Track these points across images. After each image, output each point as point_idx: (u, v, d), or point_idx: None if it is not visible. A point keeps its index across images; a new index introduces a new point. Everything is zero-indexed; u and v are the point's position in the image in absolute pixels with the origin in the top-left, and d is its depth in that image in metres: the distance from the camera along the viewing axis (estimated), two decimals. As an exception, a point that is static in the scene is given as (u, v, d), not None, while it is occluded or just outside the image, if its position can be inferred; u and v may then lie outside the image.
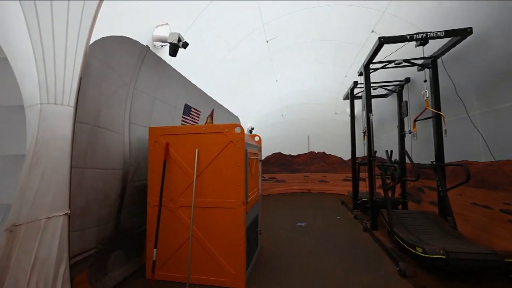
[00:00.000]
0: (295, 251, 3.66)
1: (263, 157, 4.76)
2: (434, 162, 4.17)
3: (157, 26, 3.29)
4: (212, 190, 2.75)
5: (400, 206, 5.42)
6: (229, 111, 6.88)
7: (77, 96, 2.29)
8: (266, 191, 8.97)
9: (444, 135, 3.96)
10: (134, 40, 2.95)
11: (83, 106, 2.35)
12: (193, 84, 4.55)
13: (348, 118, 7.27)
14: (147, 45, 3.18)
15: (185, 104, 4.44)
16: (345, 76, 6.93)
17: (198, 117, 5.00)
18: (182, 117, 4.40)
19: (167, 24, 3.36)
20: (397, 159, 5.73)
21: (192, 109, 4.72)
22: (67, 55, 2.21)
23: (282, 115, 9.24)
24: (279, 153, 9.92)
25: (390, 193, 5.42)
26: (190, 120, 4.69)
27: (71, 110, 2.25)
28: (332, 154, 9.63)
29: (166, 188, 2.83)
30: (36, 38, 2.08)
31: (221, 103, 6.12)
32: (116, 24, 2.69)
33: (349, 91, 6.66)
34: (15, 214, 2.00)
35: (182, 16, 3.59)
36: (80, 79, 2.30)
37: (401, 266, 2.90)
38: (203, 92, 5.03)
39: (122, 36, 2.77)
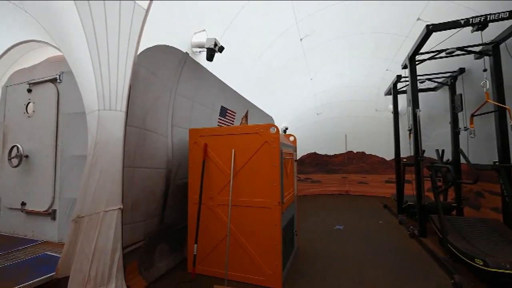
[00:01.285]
0: (332, 255, 3.53)
1: (298, 157, 4.64)
2: (497, 163, 3.63)
3: (195, 33, 3.47)
4: (248, 189, 2.80)
5: (454, 212, 4.85)
6: (263, 111, 6.93)
7: (128, 102, 2.54)
8: (302, 191, 8.81)
9: (510, 132, 3.43)
10: (175, 48, 3.16)
11: (132, 111, 2.59)
12: (229, 86, 4.69)
13: (390, 115, 6.75)
14: (186, 52, 3.38)
15: (221, 106, 4.60)
16: (387, 70, 6.45)
17: (233, 118, 5.14)
18: (219, 118, 4.57)
19: (204, 30, 3.53)
20: (450, 159, 5.13)
21: (228, 111, 4.87)
22: (119, 66, 2.46)
23: (317, 114, 8.98)
24: (315, 153, 9.66)
25: (441, 197, 4.88)
26: (226, 122, 4.84)
27: (122, 115, 2.50)
28: (373, 154, 9.04)
29: (205, 186, 2.97)
30: (95, 54, 2.35)
31: (255, 104, 6.20)
32: (159, 35, 2.90)
33: (392, 85, 6.17)
34: (79, 207, 2.29)
35: (218, 21, 3.73)
36: (130, 87, 2.54)
37: (456, 279, 2.59)
38: (238, 93, 5.15)
39: (164, 45, 2.98)
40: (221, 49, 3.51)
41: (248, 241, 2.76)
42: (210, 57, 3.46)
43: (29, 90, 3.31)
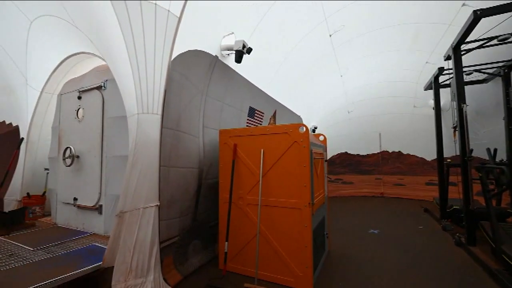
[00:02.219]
0: (366, 261, 3.36)
1: (328, 157, 4.48)
2: None
3: (224, 37, 3.56)
4: (277, 189, 2.80)
5: (510, 219, 4.30)
6: (291, 111, 6.86)
7: (163, 105, 2.69)
8: (332, 193, 8.53)
9: None
10: (205, 52, 3.28)
11: (167, 114, 2.75)
12: (257, 87, 4.73)
13: (430, 112, 6.23)
14: (216, 55, 3.49)
15: (250, 106, 4.66)
16: (426, 62, 5.97)
17: (261, 118, 5.17)
18: (247, 119, 4.63)
19: (232, 33, 3.61)
20: (505, 159, 4.56)
21: (256, 111, 4.91)
22: (155, 72, 2.63)
23: (348, 112, 8.63)
24: (346, 153, 9.30)
25: (494, 202, 4.36)
26: (255, 122, 4.89)
27: (158, 118, 2.66)
28: (410, 153, 8.42)
29: (235, 186, 3.03)
30: (134, 62, 2.54)
31: (283, 104, 6.16)
32: (190, 40, 3.04)
33: (433, 79, 5.68)
34: (122, 203, 2.49)
35: (246, 23, 3.78)
36: (165, 91, 2.70)
37: (514, 295, 2.30)
38: (266, 94, 5.17)
39: (195, 49, 3.11)
40: (249, 50, 3.56)
41: (277, 241, 2.75)
42: (238, 59, 3.52)
43: (79, 97, 3.69)
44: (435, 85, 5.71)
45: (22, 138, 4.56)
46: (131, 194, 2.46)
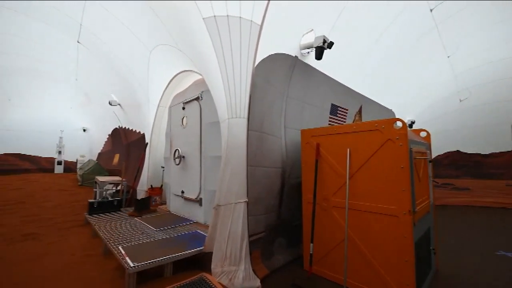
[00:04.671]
0: (497, 290, 2.60)
1: (432, 157, 3.66)
2: None
3: (303, 35, 3.53)
4: (367, 193, 2.54)
5: None
6: (381, 105, 6.09)
7: (248, 109, 2.91)
8: (439, 200, 7.04)
9: None
10: (285, 54, 3.33)
11: (252, 117, 2.95)
12: (339, 82, 4.46)
13: None
14: (295, 56, 3.49)
15: (332, 104, 4.43)
16: None
17: (345, 115, 4.82)
18: (329, 117, 4.42)
19: (312, 30, 3.52)
20: None
21: (339, 108, 4.62)
22: (241, 80, 2.88)
23: (460, 101, 6.93)
24: (457, 152, 7.50)
25: None
26: (337, 120, 4.61)
27: (245, 121, 2.90)
28: None
29: (319, 186, 2.94)
30: (224, 74, 2.86)
31: (370, 97, 5.55)
32: (271, 45, 3.15)
33: None
34: (217, 198, 2.84)
35: (325, 17, 3.62)
36: (250, 96, 2.91)
37: None
38: (349, 88, 4.79)
39: (276, 53, 3.21)
40: (330, 45, 3.39)
41: (369, 250, 2.49)
42: (319, 56, 3.41)
43: (183, 108, 4.46)
44: None
45: (147, 143, 5.89)
46: (224, 190, 2.78)
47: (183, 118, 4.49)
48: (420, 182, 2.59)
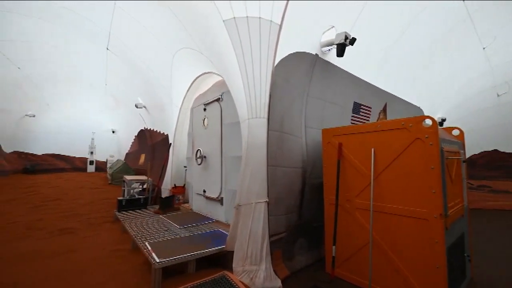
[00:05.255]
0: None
1: (466, 157, 3.36)
2: None
3: (323, 33, 3.46)
4: (394, 194, 2.42)
5: None
6: (407, 102, 5.78)
7: (268, 109, 2.91)
8: (475, 203, 6.51)
9: None
10: (305, 52, 3.29)
11: (272, 117, 2.94)
12: (362, 79, 4.30)
13: None
14: (316, 54, 3.43)
15: (354, 102, 4.29)
16: None
17: (368, 114, 4.65)
18: (352, 115, 4.28)
19: (333, 27, 3.44)
20: None
21: (362, 106, 4.46)
22: (261, 80, 2.88)
23: (498, 95, 6.38)
24: (495, 151, 6.90)
25: None
26: (360, 118, 4.46)
27: (265, 121, 2.90)
28: None
29: (342, 187, 2.86)
30: (244, 75, 2.88)
31: (395, 95, 5.29)
32: (290, 43, 3.13)
33: None
34: (238, 197, 2.87)
35: (347, 13, 3.51)
36: (270, 96, 2.91)
37: None
38: (373, 85, 4.60)
39: (296, 52, 3.18)
40: (352, 41, 3.29)
41: (396, 255, 2.38)
42: (340, 53, 3.32)
43: (204, 109, 4.56)
44: None
45: (171, 143, 6.11)
46: (245, 190, 2.80)
47: (204, 119, 4.59)
48: (453, 184, 2.42)
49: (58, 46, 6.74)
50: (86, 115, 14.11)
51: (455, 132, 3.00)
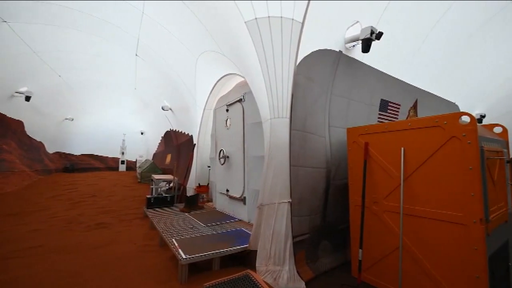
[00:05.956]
0: None
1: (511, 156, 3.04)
2: None
3: (348, 28, 3.34)
4: (426, 197, 2.27)
5: None
6: (441, 98, 5.39)
7: (291, 109, 2.89)
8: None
9: None
10: (329, 49, 3.20)
11: (294, 116, 2.91)
12: (389, 75, 4.09)
13: None
14: (339, 50, 3.33)
15: (381, 99, 4.09)
16: None
17: (397, 111, 4.41)
18: (379, 113, 4.09)
19: (357, 22, 3.32)
20: None
21: (390, 104, 4.24)
22: (283, 79, 2.87)
23: (550, 88, 5.69)
24: (547, 150, 6.16)
25: None
26: (388, 116, 4.24)
27: (287, 121, 2.88)
28: None
29: (368, 189, 2.75)
30: (266, 75, 2.89)
31: (427, 90, 4.96)
32: (313, 41, 3.07)
33: None
34: (261, 197, 2.88)
35: (372, 6, 3.36)
36: (292, 95, 2.88)
37: None
38: (402, 81, 4.36)
39: (318, 50, 3.11)
40: (379, 35, 3.14)
41: (429, 262, 2.23)
42: (366, 48, 3.19)
43: (227, 110, 4.64)
44: None
45: (195, 144, 6.30)
46: (268, 190, 2.81)
47: (226, 120, 4.68)
48: (495, 186, 2.21)
49: (93, 54, 7.28)
50: (118, 117, 15.10)
51: (497, 130, 2.74)
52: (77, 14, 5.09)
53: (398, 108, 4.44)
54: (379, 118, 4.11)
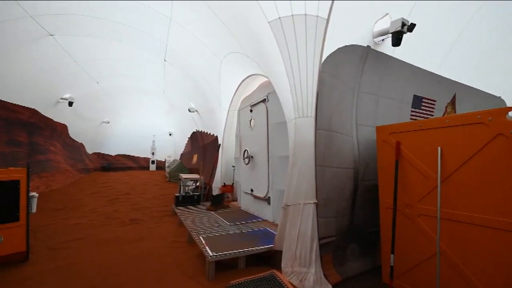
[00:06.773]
0: None
1: None
2: None
3: (376, 22, 3.19)
4: (467, 201, 2.09)
5: None
6: (483, 92, 4.90)
7: (316, 108, 2.83)
8: None
9: None
10: (355, 45, 3.08)
11: (320, 115, 2.84)
12: (423, 69, 3.82)
13: None
14: (367, 45, 3.19)
15: (414, 95, 3.84)
16: None
17: (432, 108, 4.10)
18: (412, 110, 3.84)
19: (387, 14, 3.15)
20: None
21: (424, 100, 3.96)
22: (307, 78, 2.82)
23: None
24: None
25: None
26: (422, 113, 3.96)
27: (312, 120, 2.82)
28: None
29: (400, 191, 2.60)
30: (290, 74, 2.86)
31: (467, 84, 4.54)
32: (339, 37, 2.97)
33: None
34: (286, 198, 2.86)
35: (404, -3, 3.17)
36: (317, 94, 2.82)
37: None
38: (437, 75, 4.04)
39: (344, 46, 3.01)
40: (411, 27, 2.95)
41: (472, 272, 2.04)
42: (396, 42, 3.01)
43: (251, 110, 4.68)
44: None
45: (220, 144, 6.45)
46: (292, 190, 2.78)
47: (250, 120, 4.72)
48: (553, 190, 1.96)
49: (126, 61, 7.79)
50: (148, 120, 16.06)
51: (555, 126, 2.42)
52: (113, 25, 5.48)
53: (434, 105, 4.13)
54: (412, 115, 3.86)
